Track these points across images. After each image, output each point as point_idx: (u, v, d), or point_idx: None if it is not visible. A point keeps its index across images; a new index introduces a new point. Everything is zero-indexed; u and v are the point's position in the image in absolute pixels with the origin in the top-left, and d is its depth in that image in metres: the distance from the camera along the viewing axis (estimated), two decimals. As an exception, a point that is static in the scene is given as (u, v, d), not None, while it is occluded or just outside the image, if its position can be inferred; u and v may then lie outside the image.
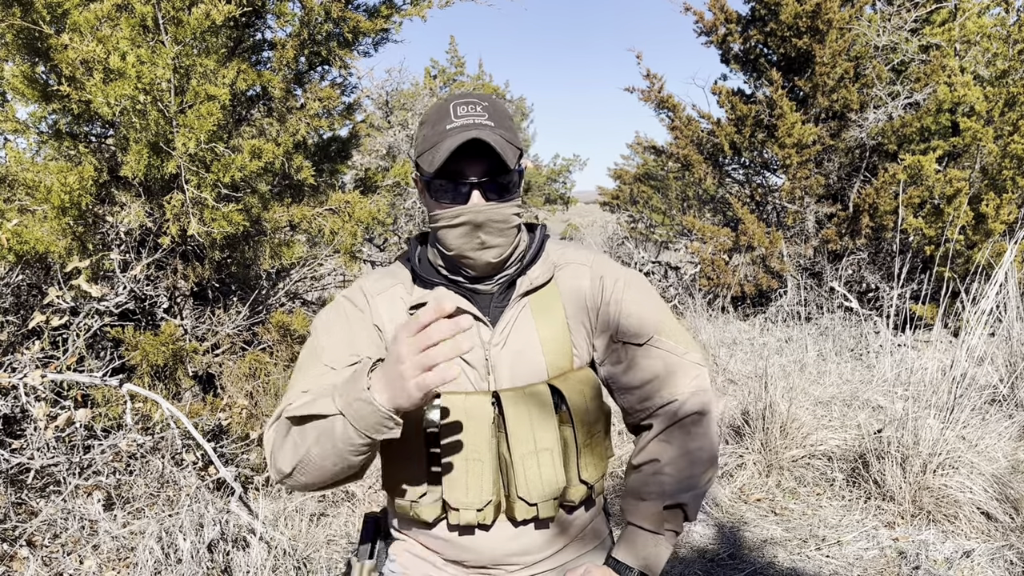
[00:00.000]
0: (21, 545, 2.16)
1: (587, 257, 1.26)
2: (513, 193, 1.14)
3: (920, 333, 4.79)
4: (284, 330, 2.93)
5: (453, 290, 1.19)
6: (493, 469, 1.13)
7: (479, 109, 1.11)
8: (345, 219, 3.09)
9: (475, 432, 1.12)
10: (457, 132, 1.08)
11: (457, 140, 1.06)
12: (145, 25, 2.42)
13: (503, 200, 1.12)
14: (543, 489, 1.13)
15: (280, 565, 2.19)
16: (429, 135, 1.12)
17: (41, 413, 2.22)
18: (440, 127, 1.11)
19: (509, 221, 1.14)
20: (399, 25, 3.29)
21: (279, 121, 2.97)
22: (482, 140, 1.06)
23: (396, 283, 1.24)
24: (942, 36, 5.63)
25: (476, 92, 1.18)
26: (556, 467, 1.14)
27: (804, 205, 6.26)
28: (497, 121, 1.11)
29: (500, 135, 1.09)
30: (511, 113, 1.17)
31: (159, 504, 2.38)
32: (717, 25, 6.73)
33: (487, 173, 1.10)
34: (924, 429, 2.54)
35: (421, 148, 1.14)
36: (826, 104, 6.00)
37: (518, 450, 1.13)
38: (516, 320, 1.18)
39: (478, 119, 1.09)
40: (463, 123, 1.09)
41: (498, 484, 1.14)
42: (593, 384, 1.19)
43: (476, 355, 1.16)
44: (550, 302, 1.20)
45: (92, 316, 2.61)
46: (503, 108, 1.17)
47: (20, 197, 2.55)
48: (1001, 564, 2.15)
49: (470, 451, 1.13)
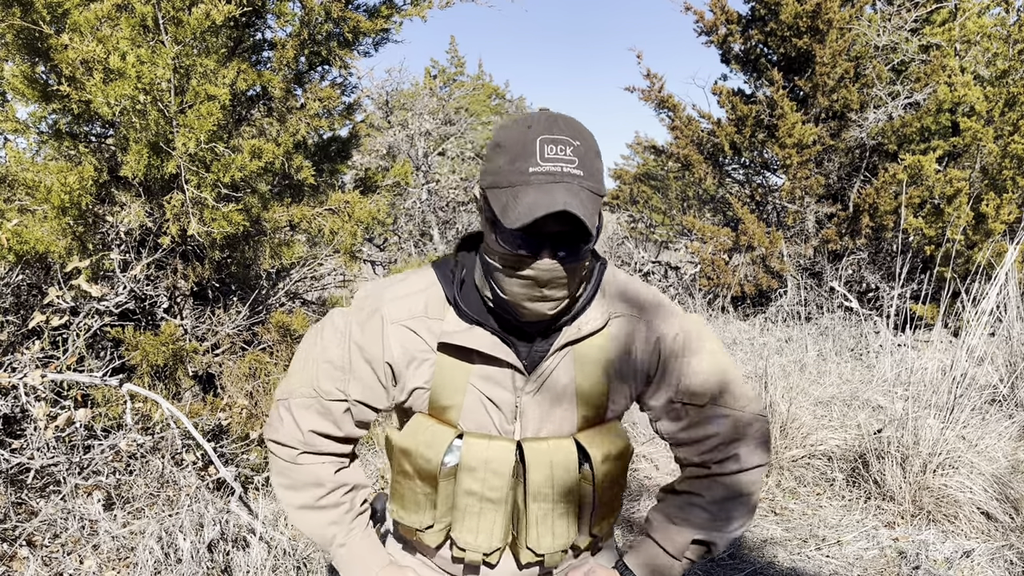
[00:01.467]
0: (21, 545, 2.16)
1: (644, 306, 1.14)
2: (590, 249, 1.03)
3: (920, 333, 4.79)
4: (284, 330, 2.93)
5: (491, 330, 1.08)
6: (506, 516, 1.10)
7: (569, 152, 0.97)
8: (345, 219, 3.09)
9: (493, 478, 1.08)
10: (542, 185, 0.95)
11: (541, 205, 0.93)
12: (145, 25, 2.42)
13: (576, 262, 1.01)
14: (553, 544, 1.10)
15: (280, 565, 2.19)
16: (507, 171, 0.98)
17: (41, 413, 2.22)
18: (522, 166, 0.97)
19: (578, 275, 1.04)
20: (399, 25, 3.29)
21: (279, 121, 2.97)
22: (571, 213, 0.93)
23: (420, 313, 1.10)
24: (942, 36, 5.63)
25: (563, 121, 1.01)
26: (570, 526, 1.11)
27: (804, 205, 6.26)
28: (587, 168, 0.97)
29: (589, 188, 0.96)
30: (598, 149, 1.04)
31: (159, 504, 2.38)
32: (717, 25, 6.73)
33: (567, 235, 0.98)
34: (924, 429, 2.54)
35: (495, 181, 1.00)
36: (826, 104, 6.00)
37: (534, 505, 1.08)
38: (556, 368, 1.09)
39: (567, 166, 0.96)
40: (548, 170, 0.96)
41: (508, 530, 1.12)
42: (622, 440, 1.13)
43: (506, 400, 1.09)
44: (595, 352, 1.10)
45: (92, 316, 2.61)
46: (592, 144, 1.01)
47: (20, 197, 2.56)
48: (1001, 564, 2.15)
49: (485, 496, 1.09)
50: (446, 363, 1.10)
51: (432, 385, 1.11)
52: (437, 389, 1.10)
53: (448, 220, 10.71)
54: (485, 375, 1.09)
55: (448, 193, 10.57)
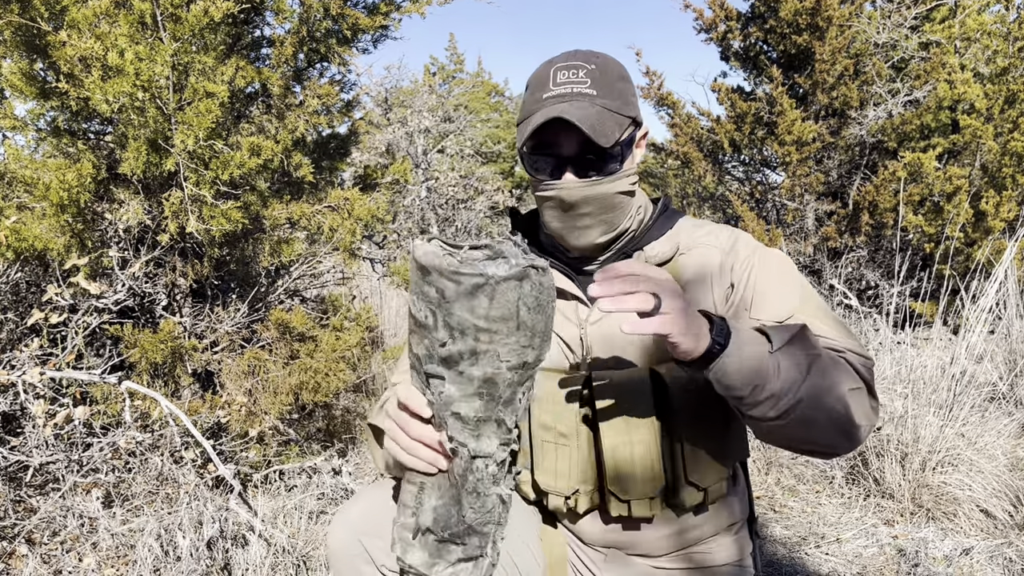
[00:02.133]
0: (20, 543, 2.15)
1: (723, 238, 1.09)
2: (617, 168, 1.02)
3: (920, 331, 4.79)
4: (283, 328, 2.93)
5: (553, 265, 1.08)
6: (583, 457, 1.04)
7: (582, 74, 0.99)
8: (344, 216, 3.09)
9: (561, 414, 1.04)
10: (551, 103, 0.99)
11: (543, 116, 0.97)
12: (143, 22, 2.41)
13: (603, 176, 1.01)
14: (638, 485, 1.01)
15: (279, 563, 2.19)
16: (527, 102, 1.04)
17: (40, 410, 2.22)
18: (538, 94, 1.01)
19: (609, 200, 1.02)
20: (398, 22, 3.28)
21: (278, 118, 2.97)
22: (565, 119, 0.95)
23: None
24: (942, 33, 5.63)
25: (585, 51, 1.03)
26: (654, 462, 1.01)
27: (804, 203, 6.25)
28: (601, 88, 1.00)
29: (602, 105, 0.98)
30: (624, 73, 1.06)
31: (158, 501, 2.38)
32: (717, 22, 6.72)
33: (581, 148, 0.99)
34: (923, 427, 2.54)
35: (519, 117, 1.05)
36: (826, 101, 6.00)
37: (608, 439, 1.01)
38: None
39: (578, 87, 0.99)
40: (559, 92, 0.99)
41: (589, 474, 1.04)
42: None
43: (571, 333, 1.07)
44: None
45: (91, 313, 2.61)
46: (614, 68, 1.03)
47: (18, 194, 2.55)
48: (1000, 562, 2.15)
49: (558, 431, 1.05)
50: None
51: None
52: None
53: (447, 217, 10.70)
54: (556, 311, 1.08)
55: (447, 190, 10.56)
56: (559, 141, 1.00)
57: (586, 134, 0.96)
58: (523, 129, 1.02)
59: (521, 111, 1.06)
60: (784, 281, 1.05)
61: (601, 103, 0.99)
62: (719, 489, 1.07)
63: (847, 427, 0.91)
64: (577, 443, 1.04)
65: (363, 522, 1.05)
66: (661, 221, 1.11)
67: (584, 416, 1.04)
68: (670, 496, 1.04)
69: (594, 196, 1.01)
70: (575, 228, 1.04)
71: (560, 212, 1.03)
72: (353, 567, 1.05)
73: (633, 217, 1.09)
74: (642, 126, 1.09)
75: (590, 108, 0.98)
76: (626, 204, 1.06)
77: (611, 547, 1.11)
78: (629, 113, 1.03)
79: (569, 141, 1.00)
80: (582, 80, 1.00)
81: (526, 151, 1.04)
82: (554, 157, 1.02)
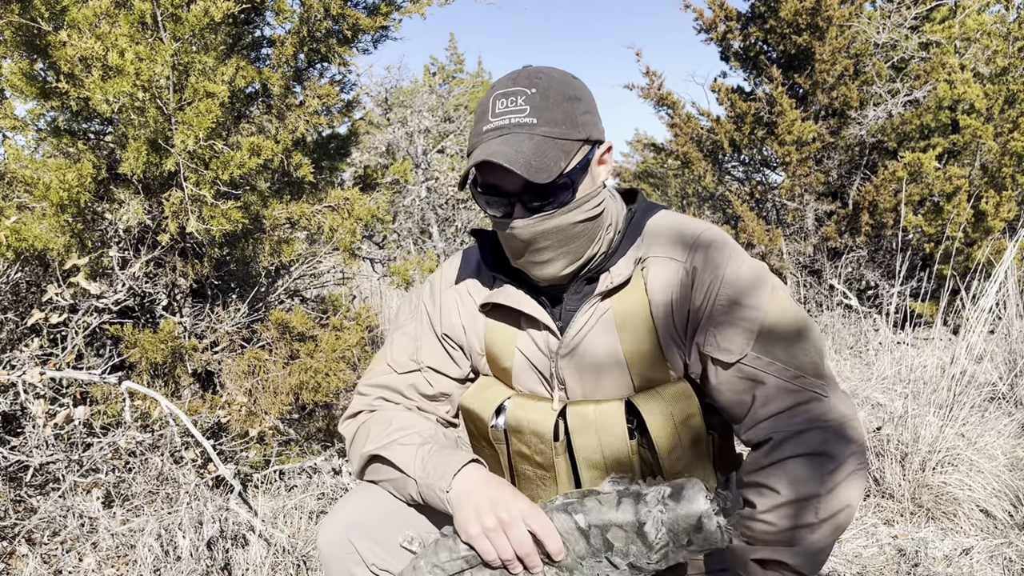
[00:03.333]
0: (20, 543, 2.16)
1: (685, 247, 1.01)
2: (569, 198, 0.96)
3: (920, 331, 4.80)
4: (283, 327, 2.93)
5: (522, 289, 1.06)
6: (564, 487, 1.05)
7: (520, 101, 0.94)
8: (344, 216, 3.09)
9: (536, 442, 1.04)
10: (489, 138, 0.94)
11: (477, 157, 0.92)
12: (144, 22, 2.41)
13: (555, 208, 0.95)
14: None
15: (279, 563, 2.19)
16: (471, 135, 0.99)
17: (40, 410, 2.22)
18: (479, 126, 0.97)
19: (567, 231, 0.96)
20: (399, 22, 3.28)
21: (278, 118, 2.97)
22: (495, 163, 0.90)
23: (469, 275, 1.14)
24: (942, 33, 5.63)
25: (528, 72, 0.96)
26: None
27: (804, 203, 6.25)
28: (542, 114, 0.93)
29: (543, 134, 0.92)
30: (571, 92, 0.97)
31: (158, 501, 2.38)
32: (717, 22, 6.72)
33: (524, 186, 0.94)
34: (923, 427, 2.54)
35: (467, 148, 1.00)
36: (826, 101, 5.99)
37: (587, 471, 1.02)
38: (593, 327, 1.01)
39: (516, 116, 0.93)
40: (497, 124, 0.94)
41: None
42: (688, 401, 1.00)
43: (543, 363, 1.05)
44: (636, 306, 1.00)
45: (91, 313, 2.61)
46: (559, 88, 0.96)
47: (19, 194, 2.55)
48: (1000, 562, 2.15)
49: (535, 461, 1.05)
50: (494, 327, 1.11)
51: (485, 348, 1.12)
52: (490, 351, 1.11)
53: (447, 218, 10.70)
54: (528, 337, 1.08)
55: (447, 191, 10.56)
56: (501, 179, 0.95)
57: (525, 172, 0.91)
58: (464, 169, 1.02)
59: (468, 144, 1.01)
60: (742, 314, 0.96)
61: (541, 132, 0.93)
62: None
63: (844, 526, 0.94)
64: (555, 474, 1.05)
65: (353, 522, 1.05)
66: (631, 231, 1.05)
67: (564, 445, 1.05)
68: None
69: (548, 231, 0.96)
70: (536, 263, 1.00)
71: (519, 249, 0.99)
72: (343, 567, 1.05)
73: (602, 239, 1.03)
74: (601, 143, 1.01)
75: (527, 142, 0.92)
76: (590, 230, 1.00)
77: None
78: (577, 136, 0.96)
79: (510, 179, 0.94)
80: (520, 108, 0.94)
81: (476, 190, 0.99)
82: (501, 195, 0.97)
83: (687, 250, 1.01)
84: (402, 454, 1.02)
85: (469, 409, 1.11)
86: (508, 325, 1.09)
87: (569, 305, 1.05)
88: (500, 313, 1.09)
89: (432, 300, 1.16)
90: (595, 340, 1.01)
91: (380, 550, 1.03)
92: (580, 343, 1.02)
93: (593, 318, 1.02)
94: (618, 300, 1.01)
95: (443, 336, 1.14)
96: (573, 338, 1.02)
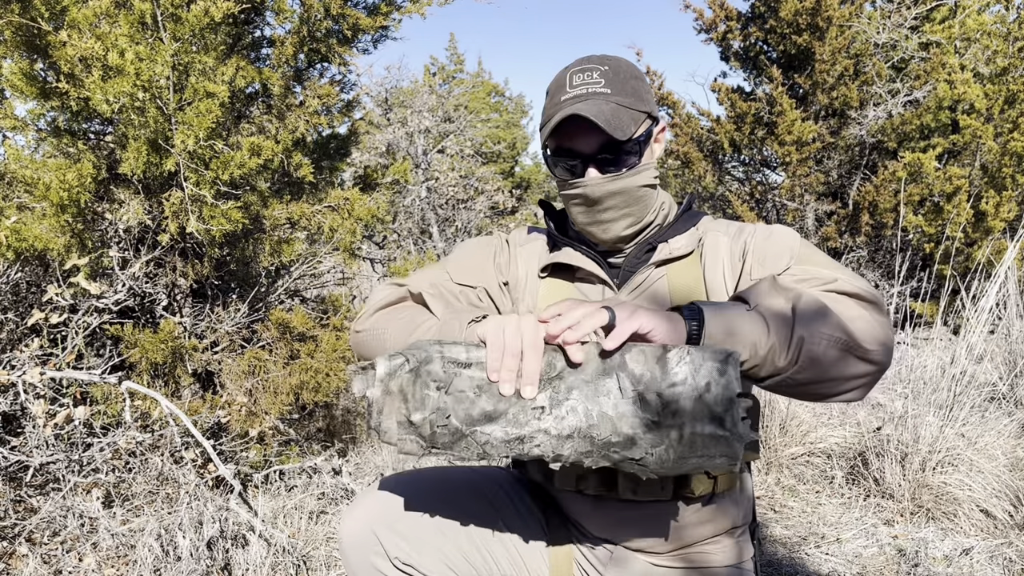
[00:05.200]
0: (20, 543, 2.16)
1: (732, 227, 1.13)
2: (636, 162, 1.07)
3: (920, 331, 4.79)
4: (283, 328, 2.93)
5: (581, 251, 1.15)
6: None
7: (596, 75, 1.05)
8: (344, 216, 3.09)
9: None
10: (568, 104, 1.04)
11: (560, 116, 1.03)
12: (144, 22, 2.41)
13: (624, 170, 1.06)
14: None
15: (280, 563, 2.19)
16: (547, 107, 1.09)
17: (40, 410, 2.22)
18: (556, 98, 1.07)
19: (632, 193, 1.07)
20: (399, 22, 3.28)
21: (278, 118, 2.97)
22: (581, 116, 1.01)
23: (538, 240, 1.23)
24: (942, 33, 5.63)
25: (599, 55, 1.10)
26: None
27: (804, 203, 6.25)
28: (616, 86, 1.05)
29: (616, 102, 1.03)
30: (636, 72, 1.10)
31: (158, 501, 2.38)
32: (717, 22, 6.72)
33: (600, 145, 1.05)
34: (924, 427, 2.54)
35: (541, 121, 1.11)
36: (826, 101, 6.00)
37: None
38: (649, 287, 1.10)
39: (593, 87, 1.04)
40: (576, 93, 1.05)
41: None
42: None
43: None
44: (690, 275, 1.10)
45: (91, 313, 2.61)
46: (627, 68, 1.09)
47: (19, 194, 2.55)
48: (1000, 562, 2.16)
49: None
50: (550, 286, 1.17)
51: (535, 308, 1.17)
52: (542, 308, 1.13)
53: (448, 218, 10.70)
54: (582, 293, 1.15)
55: (448, 191, 10.56)
56: (578, 140, 1.06)
57: (602, 130, 1.01)
58: (544, 131, 1.08)
59: (542, 116, 1.12)
60: (782, 243, 1.07)
61: (615, 100, 1.04)
62: (727, 481, 1.07)
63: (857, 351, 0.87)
64: None
65: (377, 515, 1.08)
66: (684, 219, 1.16)
67: None
68: (680, 485, 1.05)
69: (617, 190, 1.06)
70: (600, 223, 1.09)
71: (585, 208, 1.09)
72: (365, 560, 1.07)
73: (657, 212, 1.14)
74: (659, 121, 1.14)
75: (604, 105, 1.03)
76: (649, 197, 1.10)
77: (613, 541, 1.11)
78: (644, 108, 1.08)
79: (587, 139, 1.05)
80: (596, 81, 1.05)
81: (549, 153, 1.10)
82: (576, 156, 1.07)
83: (740, 232, 1.12)
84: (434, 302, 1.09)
85: None
86: (562, 281, 1.17)
87: (628, 266, 1.13)
88: (560, 273, 1.17)
89: (502, 248, 1.23)
90: (650, 297, 1.10)
91: (404, 544, 1.06)
92: (636, 298, 1.10)
93: (649, 280, 1.11)
94: (672, 269, 1.11)
95: (502, 284, 1.20)
96: (631, 292, 1.11)
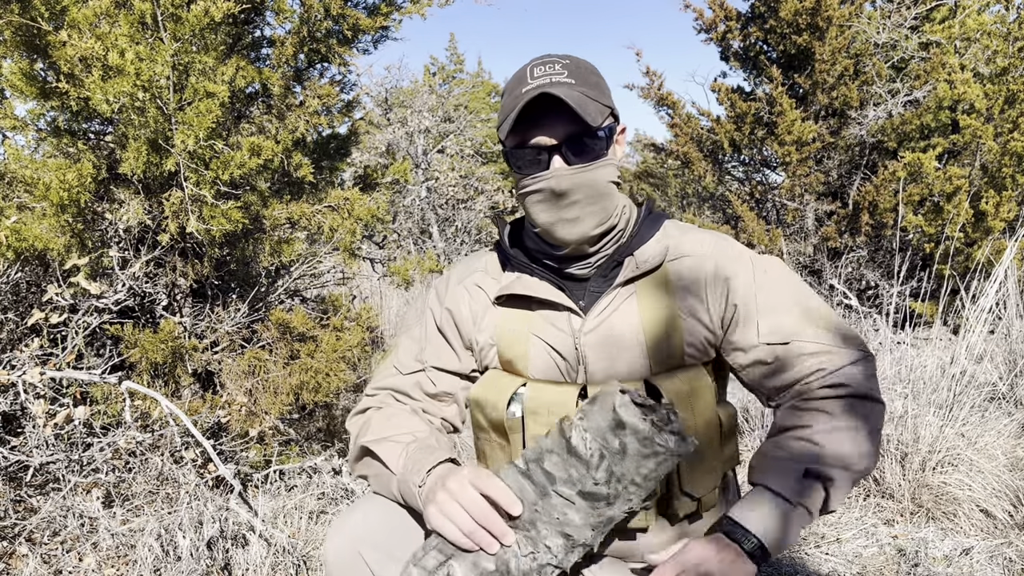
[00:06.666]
0: (20, 543, 2.16)
1: (708, 245, 1.09)
2: (603, 156, 1.02)
3: (920, 331, 4.79)
4: (283, 328, 2.93)
5: (540, 275, 1.10)
6: None
7: (558, 67, 1.01)
8: (344, 216, 3.09)
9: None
10: (531, 94, 0.98)
11: (526, 98, 0.97)
12: (144, 22, 2.41)
13: (590, 163, 1.01)
14: None
15: (280, 563, 2.19)
16: (506, 103, 1.04)
17: (40, 410, 2.22)
18: (516, 92, 1.02)
19: (599, 187, 1.02)
20: (399, 23, 3.28)
21: (278, 118, 2.97)
22: (552, 95, 0.96)
23: (477, 270, 1.17)
24: (942, 33, 5.63)
25: (560, 53, 1.06)
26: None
27: (804, 203, 6.25)
28: (579, 78, 1.01)
29: (581, 92, 0.99)
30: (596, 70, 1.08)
31: (158, 501, 2.38)
32: (717, 22, 6.72)
33: (568, 134, 1.00)
34: (923, 427, 2.54)
35: (499, 119, 1.05)
36: (826, 101, 5.99)
37: None
38: (617, 308, 1.05)
39: (556, 77, 1.00)
40: (538, 83, 0.99)
41: None
42: (703, 386, 1.04)
43: (566, 344, 1.06)
44: (660, 292, 1.05)
45: (91, 313, 2.61)
46: (589, 65, 1.05)
47: (19, 194, 2.55)
48: (1000, 562, 2.16)
49: None
50: (507, 315, 1.12)
51: (496, 339, 1.12)
52: (501, 342, 1.11)
53: (447, 218, 10.70)
54: (545, 322, 1.09)
55: (447, 190, 10.56)
56: (544, 128, 1.00)
57: (570, 115, 0.97)
58: (506, 124, 1.02)
59: (500, 113, 1.06)
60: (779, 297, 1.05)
61: (580, 90, 1.00)
62: (712, 498, 1.07)
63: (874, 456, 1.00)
64: None
65: (362, 533, 1.04)
66: (648, 223, 1.11)
67: None
68: (663, 506, 1.05)
69: (584, 182, 1.00)
70: (566, 220, 1.02)
71: (549, 204, 1.02)
72: None
73: (620, 215, 1.08)
74: (620, 121, 1.09)
75: (571, 91, 0.98)
76: (615, 196, 1.06)
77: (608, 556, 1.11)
78: (607, 103, 1.04)
79: (553, 127, 1.00)
80: (559, 72, 1.01)
81: (510, 148, 1.04)
82: (540, 149, 1.01)
83: (712, 248, 1.09)
84: (390, 451, 1.05)
85: (480, 399, 1.11)
86: (521, 311, 1.12)
87: (594, 287, 1.08)
88: (516, 302, 1.12)
89: (438, 300, 1.19)
90: (619, 320, 1.05)
91: (389, 562, 1.03)
92: (604, 321, 1.05)
93: (618, 299, 1.06)
94: (641, 286, 1.06)
95: (449, 333, 1.16)
96: (598, 315, 1.06)
